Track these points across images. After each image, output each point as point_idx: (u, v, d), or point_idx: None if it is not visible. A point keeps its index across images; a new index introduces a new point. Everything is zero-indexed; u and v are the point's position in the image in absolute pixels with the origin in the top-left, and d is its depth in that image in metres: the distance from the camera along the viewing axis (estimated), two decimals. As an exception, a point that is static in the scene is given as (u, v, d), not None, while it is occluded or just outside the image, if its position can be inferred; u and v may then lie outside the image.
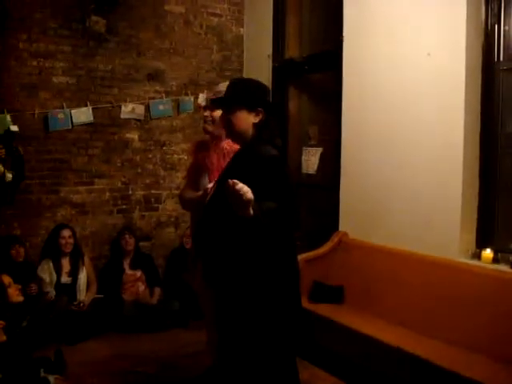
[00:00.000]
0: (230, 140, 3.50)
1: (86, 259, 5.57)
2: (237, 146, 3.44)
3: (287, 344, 2.74)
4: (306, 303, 4.54)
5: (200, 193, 3.38)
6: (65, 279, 5.34)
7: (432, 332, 3.86)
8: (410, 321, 4.04)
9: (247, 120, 2.74)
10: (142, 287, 5.63)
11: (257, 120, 2.74)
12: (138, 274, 5.67)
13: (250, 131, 2.75)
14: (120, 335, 5.12)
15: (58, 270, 5.33)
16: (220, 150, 3.55)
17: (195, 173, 3.70)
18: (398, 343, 3.71)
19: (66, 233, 5.41)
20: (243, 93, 2.77)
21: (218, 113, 3.51)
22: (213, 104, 3.41)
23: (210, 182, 3.41)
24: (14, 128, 5.05)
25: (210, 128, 3.62)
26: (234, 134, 2.80)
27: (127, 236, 5.72)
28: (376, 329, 3.99)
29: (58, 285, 5.29)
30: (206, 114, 3.64)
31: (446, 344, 3.70)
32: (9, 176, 4.83)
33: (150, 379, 4.28)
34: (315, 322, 4.49)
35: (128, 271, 5.64)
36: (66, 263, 5.39)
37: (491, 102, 4.05)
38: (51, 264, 5.33)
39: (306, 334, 2.92)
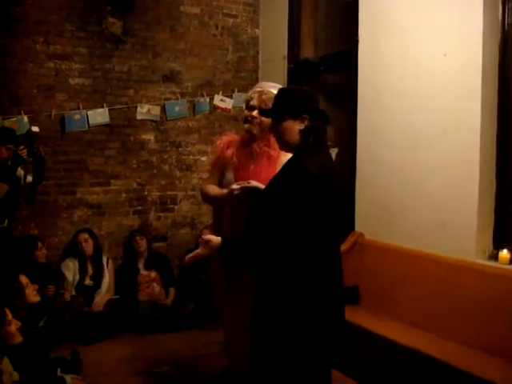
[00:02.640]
0: (260, 142, 3.46)
1: (110, 263, 5.63)
2: (267, 149, 3.41)
3: (315, 355, 2.68)
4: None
5: (225, 191, 3.36)
6: (87, 282, 5.42)
7: (448, 333, 3.84)
8: (425, 322, 4.02)
9: (293, 128, 2.71)
10: (157, 288, 5.64)
11: (302, 127, 2.70)
12: (153, 274, 5.69)
13: (298, 138, 2.71)
14: (135, 336, 5.14)
15: (83, 272, 5.40)
16: (249, 151, 3.46)
17: (220, 168, 3.62)
18: (414, 344, 3.70)
19: (82, 236, 5.47)
20: (285, 102, 2.76)
21: (268, 120, 3.24)
22: (262, 115, 3.30)
23: (235, 180, 3.38)
24: (35, 129, 5.07)
25: (255, 131, 3.43)
26: (282, 144, 2.78)
27: (138, 238, 5.74)
28: (391, 330, 3.99)
29: (80, 287, 5.36)
30: (255, 114, 3.42)
31: (462, 345, 3.69)
32: (29, 178, 4.86)
33: (166, 380, 4.29)
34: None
35: (143, 272, 5.67)
36: (89, 266, 5.46)
37: (508, 102, 4.02)
38: (77, 264, 5.40)
39: (342, 345, 2.83)
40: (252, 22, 6.59)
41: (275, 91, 3.39)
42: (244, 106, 3.65)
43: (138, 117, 5.93)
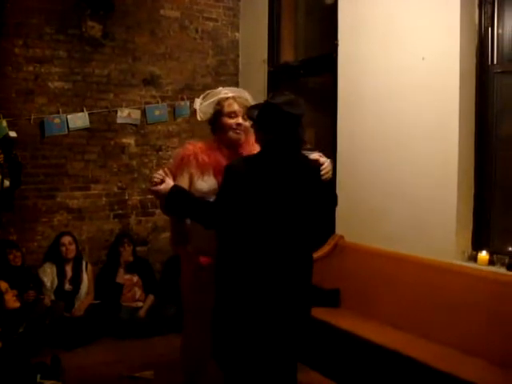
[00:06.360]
0: (245, 146, 3.36)
1: (89, 267, 5.59)
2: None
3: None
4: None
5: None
6: (67, 286, 5.37)
7: (428, 334, 3.87)
8: (406, 323, 4.05)
9: None
10: (138, 292, 5.62)
11: None
12: (135, 279, 5.66)
13: None
14: (117, 340, 5.11)
15: (61, 276, 5.35)
16: (233, 155, 3.29)
17: (188, 175, 3.40)
18: (395, 346, 3.73)
19: (66, 239, 5.43)
20: None
21: (247, 123, 3.31)
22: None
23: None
24: (13, 134, 5.06)
25: (243, 138, 3.35)
26: None
27: (126, 244, 5.71)
28: (372, 332, 4.00)
29: (60, 291, 5.32)
30: (242, 121, 3.33)
31: (443, 346, 3.72)
32: (6, 183, 4.82)
33: (148, 384, 4.29)
34: (312, 326, 4.49)
35: (125, 276, 5.63)
36: (68, 270, 5.42)
37: (486, 105, 4.07)
38: (55, 269, 5.36)
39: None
40: (232, 25, 6.60)
41: (242, 94, 3.45)
42: (210, 115, 3.47)
43: (118, 121, 5.90)
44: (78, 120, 5.65)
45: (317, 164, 3.06)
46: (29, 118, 5.41)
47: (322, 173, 3.06)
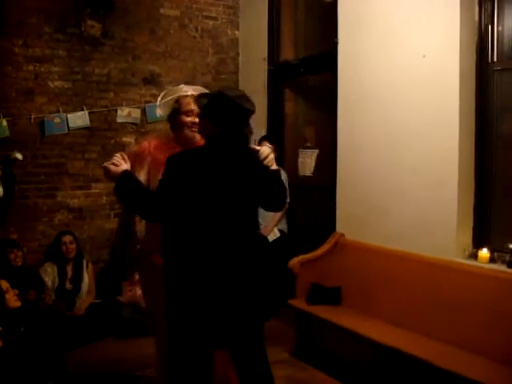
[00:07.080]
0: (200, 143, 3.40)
1: (90, 266, 5.59)
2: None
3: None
4: (304, 305, 4.57)
5: None
6: (67, 286, 5.37)
7: (430, 332, 3.87)
8: (407, 321, 4.04)
9: None
10: (139, 291, 5.61)
11: None
12: (137, 277, 5.65)
13: None
14: (119, 339, 5.10)
15: (62, 276, 5.35)
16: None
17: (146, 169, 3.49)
18: (396, 344, 3.73)
19: (67, 238, 5.43)
20: None
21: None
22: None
23: None
24: (19, 156, 5.08)
25: (198, 136, 3.31)
26: None
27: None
28: (374, 330, 4.01)
29: (60, 291, 5.31)
30: (197, 120, 3.29)
31: (444, 344, 3.72)
32: (0, 190, 4.87)
33: (150, 383, 4.28)
34: (313, 324, 4.51)
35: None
36: (69, 269, 5.42)
37: (486, 103, 4.06)
38: (56, 269, 5.36)
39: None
40: (232, 24, 6.59)
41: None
42: (169, 112, 3.52)
43: (119, 120, 5.90)
44: (78, 119, 5.65)
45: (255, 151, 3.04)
46: (29, 117, 5.41)
47: (262, 157, 2.99)
